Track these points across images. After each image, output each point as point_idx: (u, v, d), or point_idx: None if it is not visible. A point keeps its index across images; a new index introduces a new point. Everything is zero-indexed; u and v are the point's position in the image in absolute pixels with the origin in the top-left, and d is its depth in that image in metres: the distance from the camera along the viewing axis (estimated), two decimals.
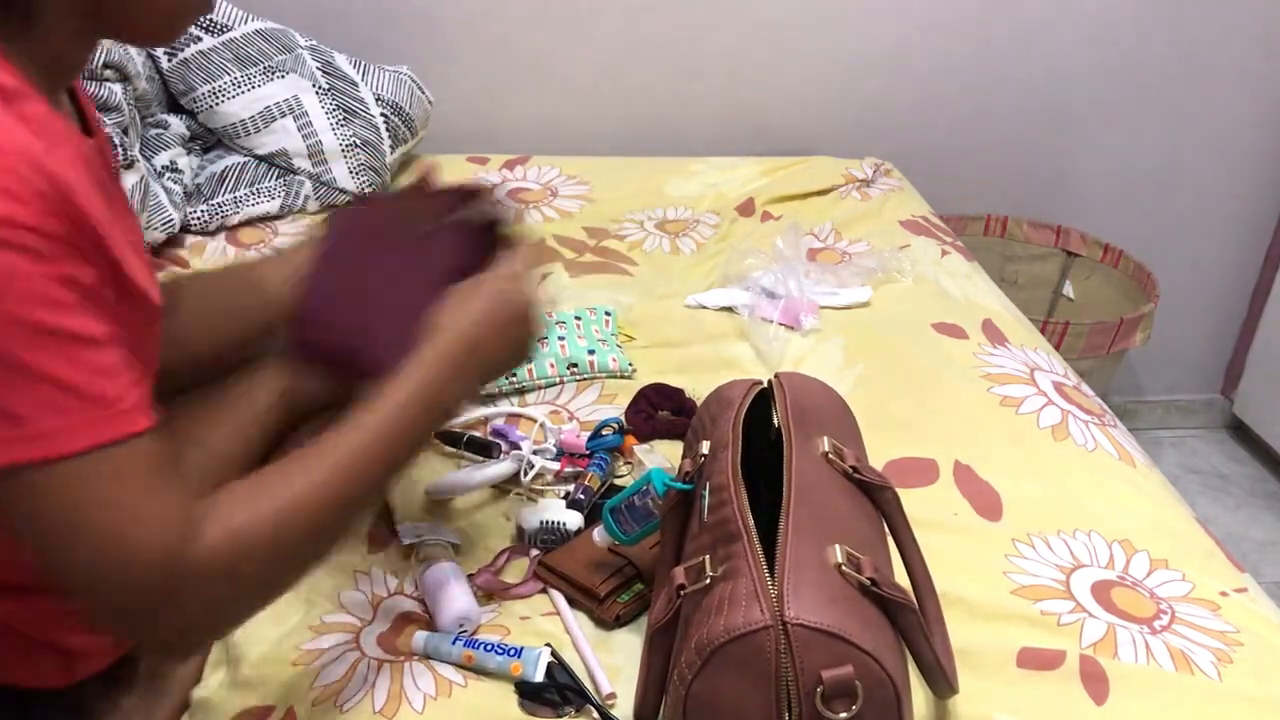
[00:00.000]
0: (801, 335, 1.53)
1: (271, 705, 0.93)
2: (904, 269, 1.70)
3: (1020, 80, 2.20)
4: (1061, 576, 1.10)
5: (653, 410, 1.32)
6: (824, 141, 2.17)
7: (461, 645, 0.97)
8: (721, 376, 1.43)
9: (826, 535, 0.80)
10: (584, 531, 1.11)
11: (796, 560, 0.76)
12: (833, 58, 2.14)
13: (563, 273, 1.68)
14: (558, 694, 0.93)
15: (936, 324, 1.57)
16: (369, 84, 1.87)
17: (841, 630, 0.72)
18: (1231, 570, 1.14)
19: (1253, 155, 2.35)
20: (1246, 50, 2.22)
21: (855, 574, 0.77)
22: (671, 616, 0.82)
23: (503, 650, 0.96)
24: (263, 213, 1.79)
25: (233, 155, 1.84)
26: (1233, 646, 1.02)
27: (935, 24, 2.13)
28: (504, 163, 2.02)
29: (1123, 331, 2.03)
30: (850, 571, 0.77)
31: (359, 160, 1.84)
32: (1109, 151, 2.31)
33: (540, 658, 0.95)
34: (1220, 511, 2.39)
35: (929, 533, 1.16)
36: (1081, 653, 1.00)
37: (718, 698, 0.74)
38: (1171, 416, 2.67)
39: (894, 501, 0.92)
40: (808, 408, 0.96)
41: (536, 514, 1.12)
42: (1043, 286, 2.36)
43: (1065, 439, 1.32)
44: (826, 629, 0.72)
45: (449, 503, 1.18)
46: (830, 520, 0.83)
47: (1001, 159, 2.29)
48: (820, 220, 1.88)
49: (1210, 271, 2.49)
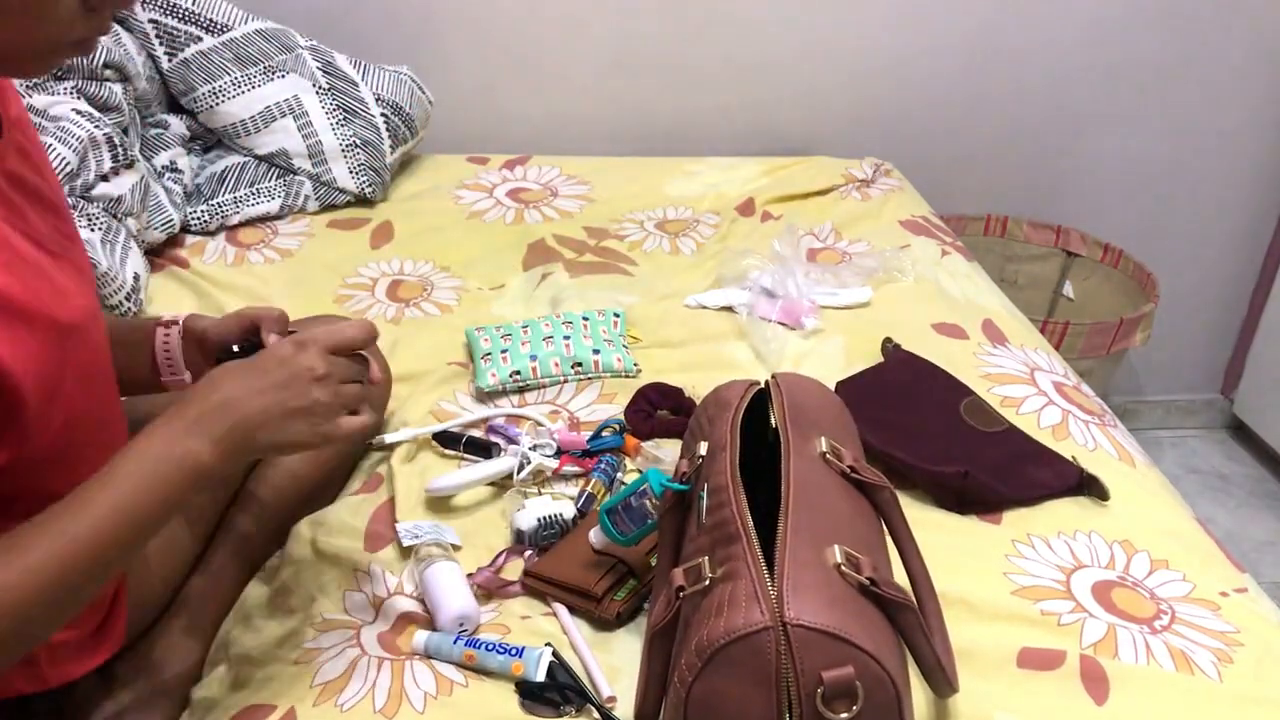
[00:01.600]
0: (802, 336, 1.53)
1: (272, 704, 0.93)
2: (904, 269, 1.70)
3: (1020, 80, 2.20)
4: (1062, 577, 1.10)
5: (652, 409, 1.33)
6: (824, 141, 2.17)
7: (462, 645, 0.97)
8: (721, 376, 1.43)
9: (825, 536, 0.80)
10: (570, 534, 1.11)
11: (796, 561, 0.76)
12: (833, 58, 2.14)
13: (563, 273, 1.68)
14: (558, 694, 0.93)
15: (936, 324, 1.57)
16: (369, 84, 1.87)
17: (841, 630, 0.72)
18: (1231, 570, 1.15)
19: (1253, 155, 2.35)
20: (1246, 50, 2.22)
21: (854, 574, 0.77)
22: (671, 618, 0.82)
23: (504, 650, 0.96)
24: (263, 213, 1.79)
25: (233, 155, 1.84)
26: (1233, 646, 1.02)
27: (935, 24, 2.12)
28: (504, 163, 2.03)
29: (1123, 331, 2.03)
30: (850, 572, 0.77)
31: (359, 160, 1.84)
32: (1109, 151, 2.31)
33: (541, 658, 0.95)
34: (1220, 511, 2.39)
35: (929, 532, 1.16)
36: (1082, 653, 1.00)
37: (718, 699, 0.74)
38: (1171, 416, 2.66)
39: (892, 501, 0.92)
40: (805, 408, 0.96)
41: (530, 513, 1.12)
42: (1043, 286, 2.36)
43: (1065, 439, 1.32)
44: (826, 629, 0.72)
45: (449, 501, 1.18)
46: (829, 521, 0.83)
47: (1001, 159, 2.29)
48: (820, 220, 1.88)
49: (1210, 271, 2.49)
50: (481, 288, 1.64)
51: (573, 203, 1.91)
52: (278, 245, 1.74)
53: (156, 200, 1.66)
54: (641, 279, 1.68)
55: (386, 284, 1.64)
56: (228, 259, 1.69)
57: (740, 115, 2.17)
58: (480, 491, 1.20)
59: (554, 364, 1.40)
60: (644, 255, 1.76)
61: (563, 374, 1.40)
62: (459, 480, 1.18)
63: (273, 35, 1.83)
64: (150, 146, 1.76)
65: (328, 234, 1.79)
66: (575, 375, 1.40)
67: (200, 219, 1.75)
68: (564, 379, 1.40)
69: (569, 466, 1.22)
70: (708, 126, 2.17)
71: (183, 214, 1.73)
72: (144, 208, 1.63)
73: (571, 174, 2.00)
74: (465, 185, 1.94)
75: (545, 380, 1.39)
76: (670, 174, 2.02)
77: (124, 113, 1.65)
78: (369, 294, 1.61)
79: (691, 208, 1.92)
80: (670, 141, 2.15)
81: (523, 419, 1.33)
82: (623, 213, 1.89)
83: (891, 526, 0.92)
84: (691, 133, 2.17)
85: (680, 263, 1.74)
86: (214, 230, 1.76)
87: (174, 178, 1.74)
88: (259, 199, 1.79)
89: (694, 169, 2.04)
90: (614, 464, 1.22)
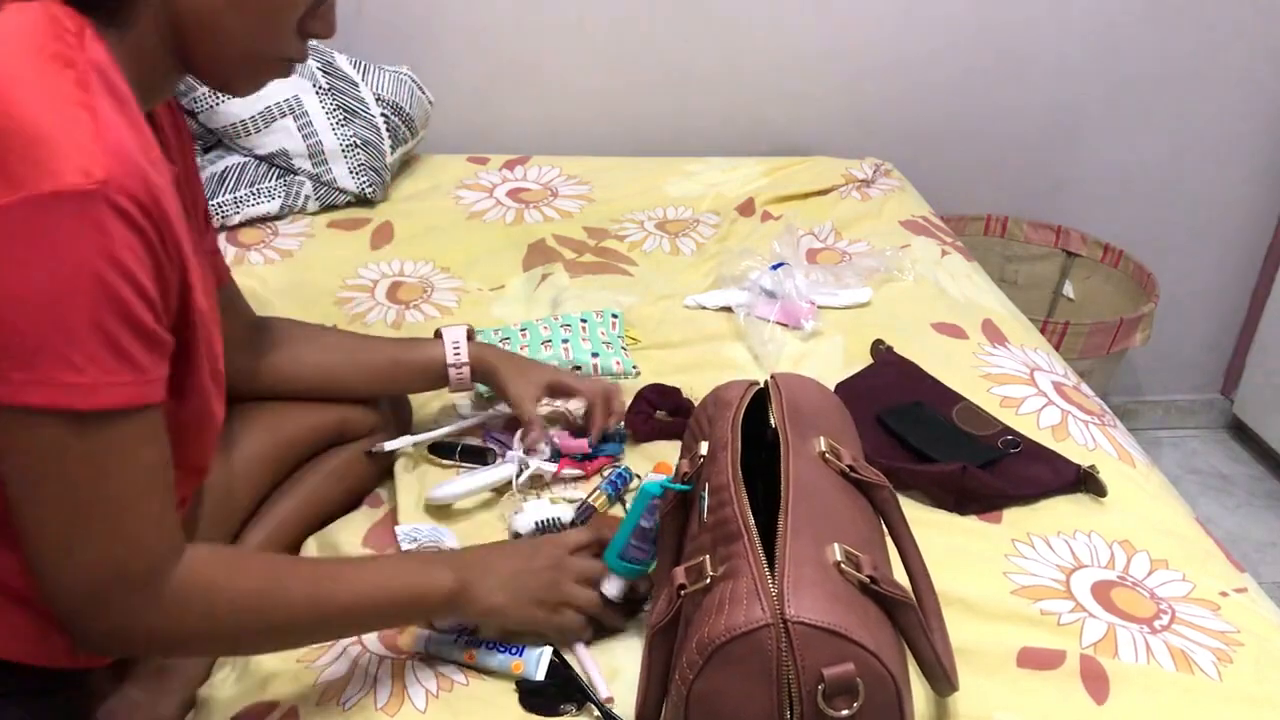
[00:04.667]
0: (801, 337, 1.53)
1: (275, 701, 0.93)
2: (904, 269, 1.70)
3: (1020, 80, 2.20)
4: (1062, 576, 1.11)
5: (651, 410, 1.33)
6: (824, 141, 2.17)
7: (463, 644, 0.97)
8: (720, 377, 1.42)
9: (825, 534, 0.80)
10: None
11: (796, 559, 0.76)
12: (833, 58, 2.14)
13: (563, 273, 1.68)
14: (559, 693, 0.93)
15: (936, 324, 1.57)
16: (369, 84, 1.87)
17: (842, 628, 0.72)
18: (1231, 570, 1.15)
19: (1253, 155, 2.35)
20: (1246, 51, 2.22)
21: (855, 572, 0.77)
22: (672, 617, 0.82)
23: (504, 649, 0.96)
24: (263, 213, 1.79)
25: (233, 155, 1.84)
26: (1233, 646, 1.02)
27: (935, 24, 2.13)
28: (504, 163, 2.03)
29: (1123, 331, 2.03)
30: (850, 570, 0.77)
31: (359, 160, 1.84)
32: (1109, 151, 2.31)
33: (542, 657, 0.95)
34: (1220, 511, 2.39)
35: (929, 532, 1.16)
36: (1082, 652, 1.00)
37: (719, 697, 0.74)
38: (1171, 417, 2.67)
39: (891, 500, 0.92)
40: (804, 408, 0.96)
41: (528, 516, 1.11)
42: (1043, 286, 2.36)
43: (1065, 439, 1.32)
44: (827, 626, 0.72)
45: (449, 508, 1.18)
46: (828, 519, 0.83)
47: (1001, 159, 2.29)
48: (820, 220, 1.88)
49: (1210, 271, 2.49)
50: (481, 288, 1.64)
51: (573, 203, 1.91)
52: (278, 245, 1.74)
53: None
54: (641, 279, 1.68)
55: (386, 286, 1.64)
56: (228, 259, 1.69)
57: (740, 115, 2.17)
58: (479, 496, 1.20)
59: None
60: (644, 255, 1.76)
61: None
62: (460, 488, 1.17)
63: None
64: None
65: (328, 234, 1.79)
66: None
67: None
68: None
69: (568, 470, 1.22)
70: (708, 126, 2.17)
71: None
72: None
73: (571, 174, 2.00)
74: (465, 185, 1.94)
75: None
76: (670, 174, 2.02)
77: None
78: (369, 296, 1.61)
79: (691, 208, 1.92)
80: (670, 141, 2.15)
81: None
82: (623, 213, 1.89)
83: (891, 525, 0.93)
84: (691, 133, 2.17)
85: (680, 263, 1.74)
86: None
87: None
88: (259, 199, 1.79)
89: (694, 169, 2.04)
90: (625, 476, 1.21)
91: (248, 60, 0.82)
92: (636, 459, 1.26)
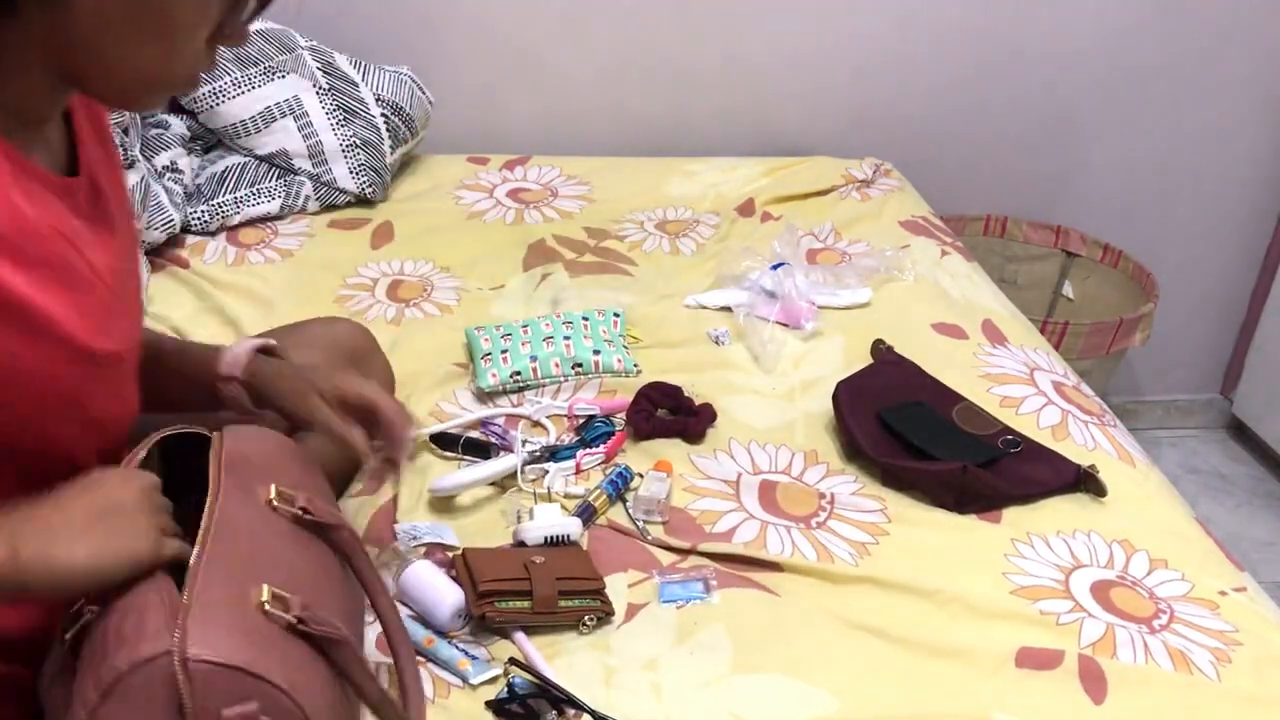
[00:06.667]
0: (802, 337, 1.53)
1: None
2: (904, 269, 1.70)
3: (1020, 80, 2.20)
4: (1061, 576, 1.11)
5: (652, 409, 1.33)
6: (824, 141, 2.17)
7: (426, 631, 0.99)
8: (720, 376, 1.44)
9: (252, 576, 0.77)
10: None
11: (205, 599, 0.73)
12: (833, 58, 2.14)
13: (563, 273, 1.68)
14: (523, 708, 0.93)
15: (936, 324, 1.57)
16: (369, 84, 1.87)
17: (248, 665, 0.70)
18: (1231, 570, 1.15)
19: (1253, 155, 2.35)
20: (1246, 51, 2.22)
21: (281, 613, 0.75)
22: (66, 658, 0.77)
23: (458, 646, 0.98)
24: (263, 213, 1.80)
25: (233, 155, 1.84)
26: (1232, 646, 1.03)
27: (935, 24, 2.13)
28: (504, 163, 2.03)
29: (1122, 331, 2.03)
30: (275, 610, 0.75)
31: (359, 160, 1.84)
32: (1109, 152, 2.31)
33: (487, 669, 0.96)
34: (1220, 511, 2.39)
35: (929, 532, 1.17)
36: (1080, 652, 1.00)
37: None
38: (1171, 416, 2.66)
39: (351, 541, 0.88)
40: (253, 458, 0.90)
41: (538, 529, 1.11)
42: (1043, 286, 2.36)
43: (1065, 439, 1.32)
44: (228, 664, 0.70)
45: (451, 501, 1.19)
46: (260, 561, 0.79)
47: (1001, 159, 2.29)
48: (820, 220, 1.88)
49: (1210, 271, 2.49)
50: (481, 288, 1.64)
51: (573, 203, 1.91)
52: (278, 245, 1.74)
53: (157, 200, 1.66)
54: (641, 279, 1.68)
55: (386, 284, 1.64)
56: (228, 259, 1.69)
57: (740, 115, 2.17)
58: (481, 491, 1.21)
59: (554, 364, 1.40)
60: (644, 255, 1.76)
61: (563, 374, 1.40)
62: (462, 480, 1.18)
63: (273, 35, 1.83)
64: (150, 146, 1.76)
65: (328, 234, 1.79)
66: (575, 376, 1.40)
67: (200, 219, 1.75)
68: (564, 379, 1.40)
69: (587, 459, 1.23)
70: (708, 127, 2.17)
71: (183, 214, 1.73)
72: (144, 208, 1.63)
73: (572, 174, 2.00)
74: (465, 185, 1.95)
75: (545, 381, 1.39)
76: (670, 174, 2.02)
77: (124, 113, 1.65)
78: (369, 294, 1.61)
79: (691, 208, 1.92)
80: (670, 141, 2.15)
81: (522, 418, 1.33)
82: (623, 213, 1.89)
83: (353, 564, 0.89)
84: (691, 133, 2.17)
85: (680, 263, 1.74)
86: (214, 230, 1.76)
87: (174, 178, 1.74)
88: (259, 199, 1.79)
89: (694, 169, 2.04)
90: (626, 475, 1.21)
91: (150, 84, 0.77)
92: (637, 457, 1.26)
